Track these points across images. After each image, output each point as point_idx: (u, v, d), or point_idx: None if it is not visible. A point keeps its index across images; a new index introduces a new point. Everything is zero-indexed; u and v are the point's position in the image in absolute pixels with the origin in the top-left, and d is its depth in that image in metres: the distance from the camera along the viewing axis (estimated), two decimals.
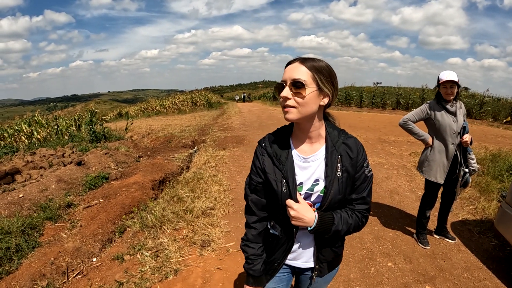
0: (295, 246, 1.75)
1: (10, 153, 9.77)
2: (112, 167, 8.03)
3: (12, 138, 13.98)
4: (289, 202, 1.56)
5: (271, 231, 1.78)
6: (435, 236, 4.66)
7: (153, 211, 5.15)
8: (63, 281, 3.86)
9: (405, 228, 4.92)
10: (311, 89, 1.47)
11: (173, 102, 33.41)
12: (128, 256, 4.23)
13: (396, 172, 7.68)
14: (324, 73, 1.51)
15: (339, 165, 1.59)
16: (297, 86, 1.46)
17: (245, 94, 51.14)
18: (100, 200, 6.00)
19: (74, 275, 3.99)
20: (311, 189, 1.61)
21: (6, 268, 3.99)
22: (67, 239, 4.66)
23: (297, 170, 1.61)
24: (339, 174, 1.58)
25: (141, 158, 9.49)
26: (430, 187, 4.29)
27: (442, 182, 4.13)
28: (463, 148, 4.07)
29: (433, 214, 4.67)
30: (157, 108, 32.88)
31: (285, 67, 1.55)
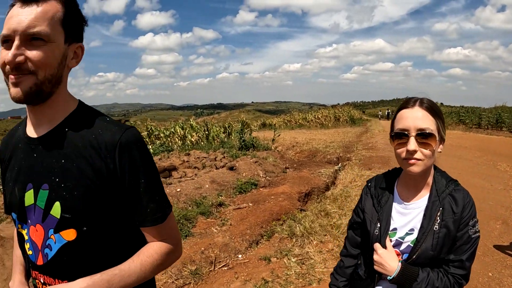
0: None
1: (166, 152, 10.95)
2: (261, 175, 8.51)
3: (168, 139, 15.62)
4: (376, 245, 1.49)
5: (358, 270, 1.70)
6: None
7: (302, 221, 5.39)
8: (210, 269, 4.36)
9: None
10: (436, 139, 1.37)
11: (315, 116, 33.84)
12: (275, 258, 4.52)
13: None
14: (441, 117, 1.41)
15: (438, 218, 1.41)
16: (425, 136, 1.34)
17: (389, 111, 48.60)
18: (250, 204, 6.43)
19: (220, 266, 4.46)
20: (403, 237, 1.48)
21: None
22: (217, 234, 5.21)
23: (394, 215, 1.52)
24: (435, 228, 1.41)
25: (288, 170, 9.90)
26: None
27: None
28: None
29: None
30: (299, 121, 33.64)
31: (399, 111, 1.45)
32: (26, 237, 1.20)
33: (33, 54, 1.02)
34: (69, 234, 1.11)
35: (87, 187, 1.10)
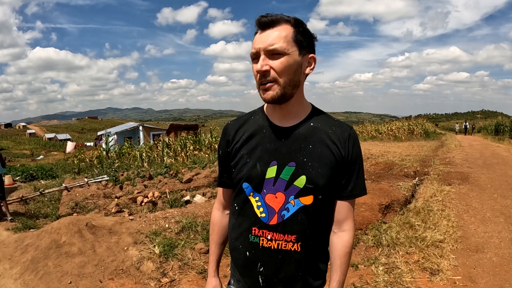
0: None
1: None
2: None
3: None
4: None
5: None
6: None
7: (387, 232, 5.63)
8: None
9: None
10: None
11: (389, 128, 33.14)
12: (363, 266, 4.81)
13: None
14: None
15: None
16: None
17: (467, 124, 43.71)
18: None
19: None
20: None
21: None
22: None
23: None
24: None
25: (365, 181, 9.95)
26: None
27: None
28: None
29: None
30: (372, 132, 33.13)
31: None
32: (257, 203, 1.57)
33: (274, 64, 1.42)
34: (307, 200, 1.51)
35: (327, 167, 1.51)
